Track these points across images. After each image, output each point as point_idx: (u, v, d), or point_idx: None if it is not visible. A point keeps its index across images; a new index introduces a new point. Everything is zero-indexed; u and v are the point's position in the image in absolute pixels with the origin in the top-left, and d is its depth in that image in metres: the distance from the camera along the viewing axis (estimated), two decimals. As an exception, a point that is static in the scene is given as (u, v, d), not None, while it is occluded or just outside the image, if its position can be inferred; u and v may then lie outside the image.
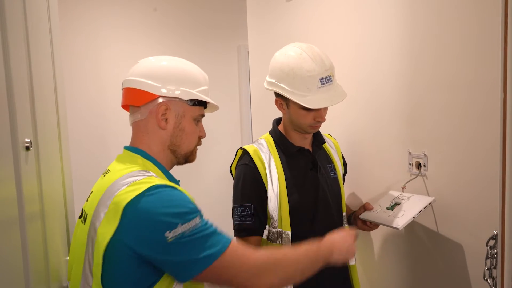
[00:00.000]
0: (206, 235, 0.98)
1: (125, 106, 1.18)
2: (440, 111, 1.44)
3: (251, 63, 2.77)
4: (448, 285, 1.47)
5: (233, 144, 3.65)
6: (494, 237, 1.05)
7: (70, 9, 3.23)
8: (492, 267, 1.06)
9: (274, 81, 1.53)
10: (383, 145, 1.73)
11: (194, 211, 0.99)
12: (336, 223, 1.60)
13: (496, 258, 1.04)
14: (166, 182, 1.02)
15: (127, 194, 0.95)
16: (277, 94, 1.55)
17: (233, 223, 1.54)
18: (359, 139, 1.87)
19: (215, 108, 1.25)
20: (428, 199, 1.45)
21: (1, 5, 0.80)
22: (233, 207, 1.54)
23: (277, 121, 1.65)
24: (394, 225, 1.42)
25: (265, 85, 1.58)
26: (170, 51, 3.56)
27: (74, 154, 1.43)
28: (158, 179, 1.02)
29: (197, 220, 0.97)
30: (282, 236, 1.50)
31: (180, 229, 0.94)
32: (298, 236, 1.51)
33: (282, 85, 1.49)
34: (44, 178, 1.04)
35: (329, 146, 1.70)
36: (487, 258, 1.07)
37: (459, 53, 1.36)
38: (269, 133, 1.64)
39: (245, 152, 1.57)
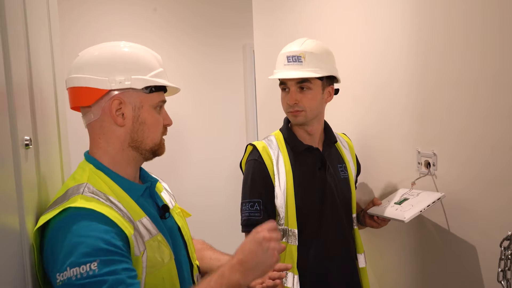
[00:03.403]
0: (97, 286, 0.82)
1: (75, 108, 1.05)
2: (449, 109, 1.42)
3: (257, 62, 2.75)
4: (460, 286, 1.44)
5: (238, 143, 3.63)
6: (508, 238, 1.02)
7: (71, 9, 3.22)
8: (506, 268, 1.03)
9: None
10: (391, 143, 1.70)
11: (92, 255, 0.83)
12: (345, 224, 1.58)
13: (510, 259, 1.01)
14: (91, 204, 0.89)
15: (40, 220, 0.89)
16: None
17: (241, 219, 1.52)
18: (366, 137, 1.84)
19: (176, 90, 1.11)
20: (437, 195, 1.44)
21: (1, 3, 0.79)
22: (242, 203, 1.53)
23: (288, 119, 1.63)
24: (400, 218, 1.40)
25: None
26: (175, 50, 3.56)
27: (73, 151, 1.41)
28: (79, 200, 0.89)
29: (91, 266, 0.82)
30: (288, 234, 1.48)
31: (68, 273, 0.82)
32: (306, 234, 1.49)
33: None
34: (43, 176, 1.02)
35: (341, 145, 1.67)
36: (500, 259, 1.05)
37: (468, 50, 1.34)
38: (280, 130, 1.63)
39: (254, 148, 1.55)
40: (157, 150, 1.05)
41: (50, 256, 0.87)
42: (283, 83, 1.52)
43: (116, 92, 0.98)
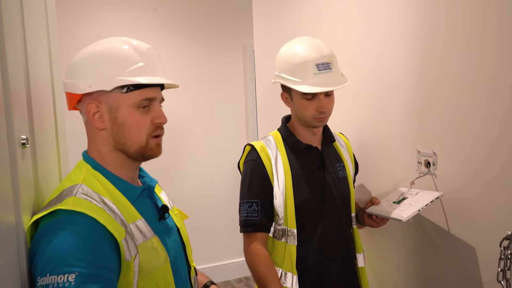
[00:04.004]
0: None
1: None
2: (449, 108, 1.42)
3: (257, 62, 2.75)
4: (460, 286, 1.43)
5: (238, 143, 3.63)
6: (508, 237, 1.01)
7: (70, 10, 3.22)
8: (506, 268, 1.03)
9: (277, 73, 1.53)
10: (391, 143, 1.70)
11: (72, 265, 0.81)
12: (344, 224, 1.57)
13: (510, 259, 1.01)
14: (81, 208, 0.86)
15: (33, 218, 0.88)
16: (282, 88, 1.55)
17: (240, 219, 1.52)
18: (366, 137, 1.84)
19: (173, 84, 1.02)
20: (436, 194, 1.44)
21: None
22: (240, 203, 1.53)
23: (286, 119, 1.63)
24: (398, 217, 1.40)
25: (272, 80, 1.57)
26: (175, 50, 3.56)
27: (72, 151, 1.41)
28: (71, 203, 0.87)
29: (69, 278, 0.79)
30: (287, 234, 1.48)
31: (47, 280, 0.80)
32: (305, 234, 1.48)
33: (282, 74, 1.49)
34: (40, 175, 1.01)
35: (339, 144, 1.67)
36: (500, 259, 1.04)
37: (467, 50, 1.34)
38: (278, 130, 1.62)
39: (252, 148, 1.55)
40: (144, 153, 0.98)
41: (34, 256, 0.86)
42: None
43: (90, 96, 0.95)
